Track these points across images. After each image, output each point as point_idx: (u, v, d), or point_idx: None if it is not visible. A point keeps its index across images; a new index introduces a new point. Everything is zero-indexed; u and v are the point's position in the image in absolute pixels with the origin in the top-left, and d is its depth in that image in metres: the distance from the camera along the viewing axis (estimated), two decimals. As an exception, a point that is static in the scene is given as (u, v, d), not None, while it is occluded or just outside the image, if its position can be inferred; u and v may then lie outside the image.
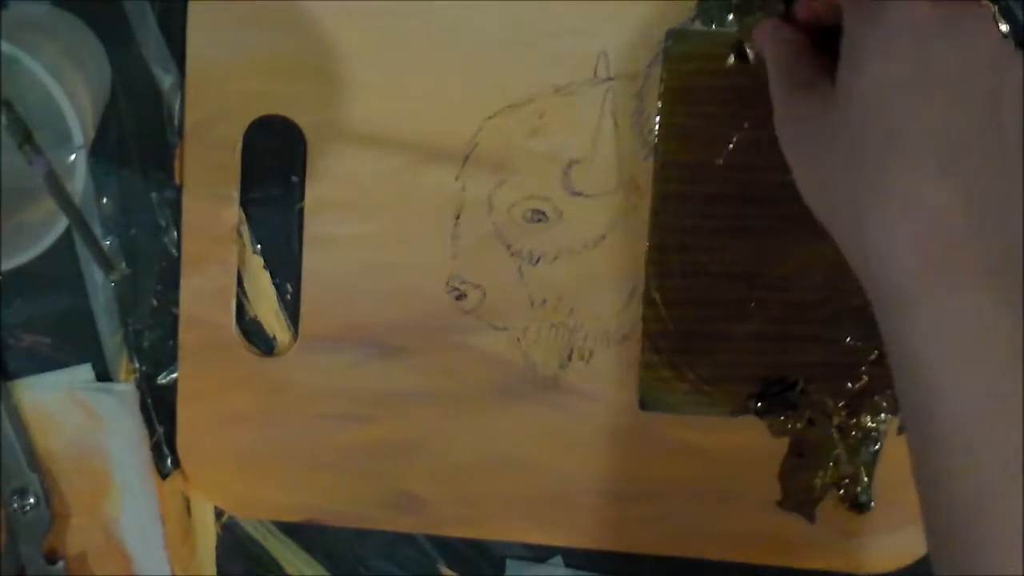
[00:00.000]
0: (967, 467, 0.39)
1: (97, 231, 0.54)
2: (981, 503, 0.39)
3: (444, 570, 0.58)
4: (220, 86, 0.52)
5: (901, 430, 0.54)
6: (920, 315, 0.39)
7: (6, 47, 0.44)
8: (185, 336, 0.55)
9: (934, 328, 0.39)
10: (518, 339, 0.54)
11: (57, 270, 0.55)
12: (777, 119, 0.45)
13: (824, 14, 0.45)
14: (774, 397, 0.54)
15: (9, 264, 0.48)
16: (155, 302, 0.55)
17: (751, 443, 0.55)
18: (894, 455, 0.54)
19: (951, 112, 0.40)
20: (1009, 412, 0.38)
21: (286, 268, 0.55)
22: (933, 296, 0.39)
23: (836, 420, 0.54)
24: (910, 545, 0.55)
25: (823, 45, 0.45)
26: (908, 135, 0.40)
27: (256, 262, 0.55)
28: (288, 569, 0.58)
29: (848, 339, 0.54)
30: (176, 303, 0.55)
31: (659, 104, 0.52)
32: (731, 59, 0.51)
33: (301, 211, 0.54)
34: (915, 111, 0.40)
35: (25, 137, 0.45)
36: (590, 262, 0.54)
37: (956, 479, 0.39)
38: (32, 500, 0.56)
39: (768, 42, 0.47)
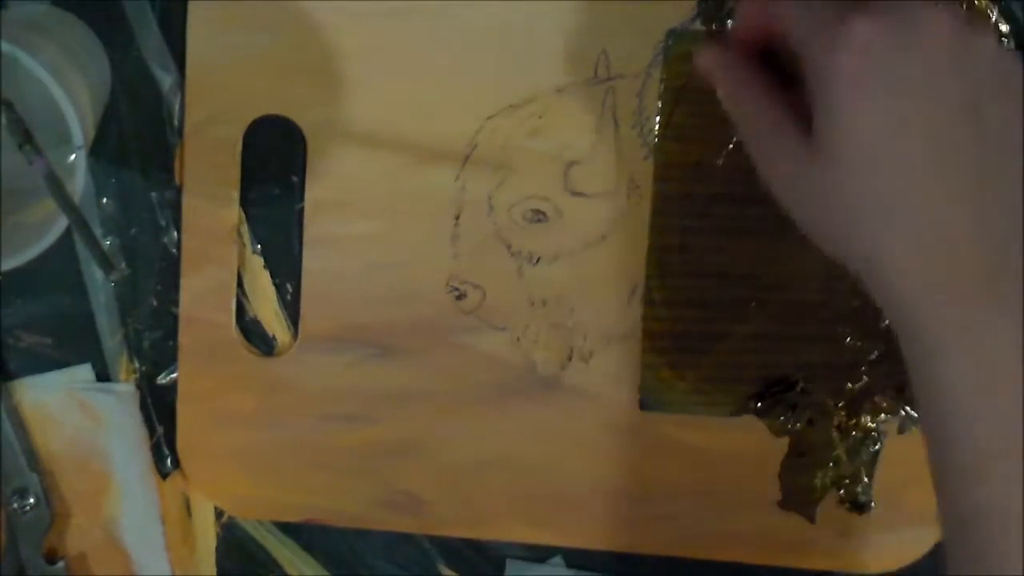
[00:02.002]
0: (978, 485, 0.40)
1: (97, 231, 0.54)
2: (991, 520, 0.39)
3: (444, 570, 0.58)
4: (220, 86, 0.52)
5: (901, 430, 0.54)
6: (941, 348, 0.40)
7: (6, 47, 0.44)
8: (185, 336, 0.55)
9: (956, 360, 0.40)
10: (518, 339, 0.54)
11: (57, 270, 0.55)
12: (760, 172, 0.44)
13: (766, 24, 0.44)
14: (774, 397, 0.54)
15: (9, 264, 0.48)
16: (155, 302, 0.55)
17: (751, 443, 0.54)
18: (894, 455, 0.54)
19: (933, 140, 0.40)
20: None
21: (286, 268, 0.55)
22: (951, 328, 0.40)
23: (836, 420, 0.54)
24: (910, 545, 0.55)
25: (774, 61, 0.44)
26: (900, 174, 0.40)
27: (256, 262, 0.55)
28: (288, 569, 0.58)
29: (848, 339, 0.54)
30: (176, 303, 0.55)
31: (659, 104, 0.52)
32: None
33: (301, 211, 0.54)
34: (901, 147, 0.40)
35: (25, 137, 0.45)
36: (590, 262, 0.54)
37: (970, 497, 0.40)
38: (32, 500, 0.56)
39: (719, 82, 0.46)
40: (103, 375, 0.56)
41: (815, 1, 0.42)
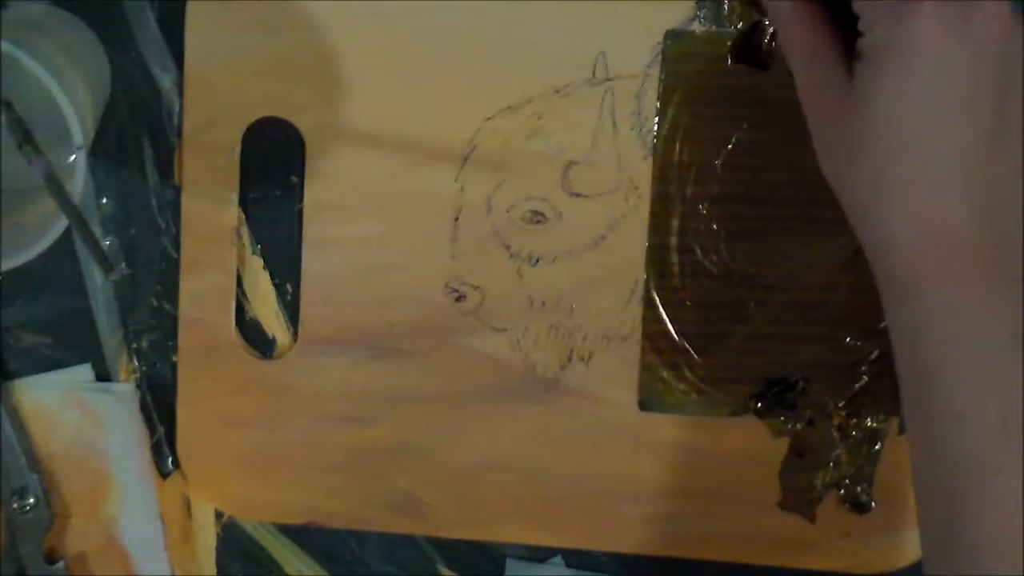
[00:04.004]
0: (956, 436, 0.42)
1: (97, 231, 0.54)
2: (968, 469, 0.42)
3: (444, 571, 0.58)
4: (218, 88, 0.53)
5: (901, 430, 0.54)
6: (923, 300, 0.43)
7: (6, 47, 0.45)
8: (184, 338, 0.55)
9: (935, 311, 0.43)
10: (518, 340, 0.54)
11: (57, 270, 0.55)
12: (801, 97, 0.46)
13: None
14: (774, 397, 0.54)
15: (9, 264, 0.48)
16: (155, 302, 0.55)
17: (751, 443, 0.54)
18: (894, 455, 0.54)
19: (964, 123, 0.42)
20: (997, 385, 0.41)
21: (286, 269, 0.55)
22: (935, 284, 0.43)
23: (836, 420, 0.54)
24: (910, 545, 0.55)
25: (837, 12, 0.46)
26: (925, 147, 0.42)
27: (255, 263, 0.55)
28: (288, 569, 0.58)
29: (848, 339, 0.54)
30: (176, 303, 0.55)
31: (658, 104, 0.52)
32: (730, 60, 0.51)
33: (300, 212, 0.54)
34: (933, 124, 0.42)
35: (25, 137, 0.45)
36: (590, 263, 0.54)
37: (945, 448, 0.42)
38: (32, 500, 0.56)
39: (785, 21, 0.47)
40: (103, 375, 0.56)
41: None
